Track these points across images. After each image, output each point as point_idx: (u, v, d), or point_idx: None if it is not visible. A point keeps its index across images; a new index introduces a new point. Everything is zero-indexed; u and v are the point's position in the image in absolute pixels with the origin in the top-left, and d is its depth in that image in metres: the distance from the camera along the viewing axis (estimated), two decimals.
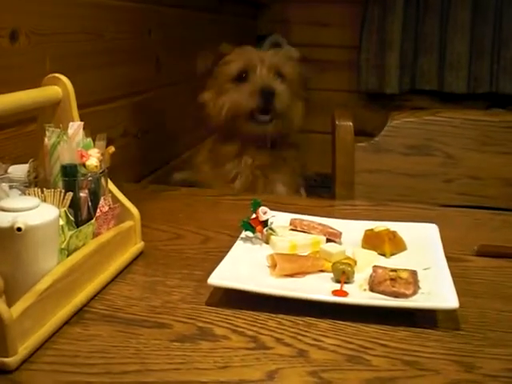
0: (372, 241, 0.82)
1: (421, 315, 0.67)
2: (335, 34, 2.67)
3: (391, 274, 0.71)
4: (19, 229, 0.58)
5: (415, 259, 0.78)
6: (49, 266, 0.63)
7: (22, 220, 0.59)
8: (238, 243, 0.81)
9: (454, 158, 1.28)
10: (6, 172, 0.73)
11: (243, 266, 0.75)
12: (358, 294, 0.70)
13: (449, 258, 0.76)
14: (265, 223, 0.84)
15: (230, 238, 0.85)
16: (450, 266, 0.73)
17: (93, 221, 0.73)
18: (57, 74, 0.78)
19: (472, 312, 0.68)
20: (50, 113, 0.79)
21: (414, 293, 0.69)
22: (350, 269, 0.72)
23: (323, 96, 2.71)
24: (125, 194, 0.83)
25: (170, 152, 1.78)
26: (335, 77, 2.71)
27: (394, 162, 1.28)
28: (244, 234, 0.84)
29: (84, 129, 0.77)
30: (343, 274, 0.72)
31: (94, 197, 0.75)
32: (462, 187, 1.28)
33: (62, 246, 0.67)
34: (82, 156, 0.74)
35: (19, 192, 0.71)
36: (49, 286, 0.61)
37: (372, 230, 0.84)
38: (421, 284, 0.71)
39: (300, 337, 0.62)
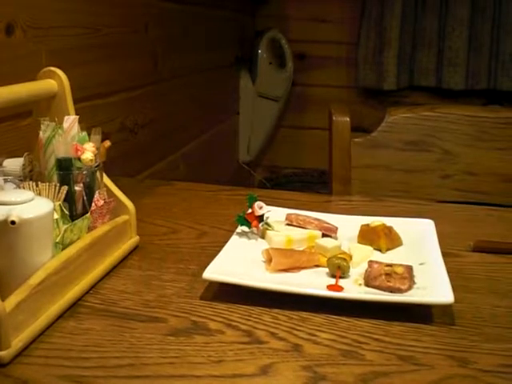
0: (368, 236, 0.82)
1: (416, 310, 0.67)
2: (333, 29, 2.67)
3: (386, 269, 0.71)
4: (13, 222, 0.58)
5: (411, 254, 0.78)
6: (43, 259, 0.63)
7: (16, 213, 0.58)
8: (234, 238, 0.81)
9: (450, 153, 1.28)
10: (0, 165, 0.73)
11: (238, 261, 0.74)
12: (354, 288, 0.70)
13: (445, 254, 0.76)
14: (260, 218, 0.83)
15: (225, 233, 0.85)
16: (445, 262, 0.73)
17: (88, 215, 0.73)
18: (52, 68, 0.78)
19: (467, 307, 0.68)
20: (45, 106, 0.78)
21: (410, 288, 0.69)
22: (345, 264, 0.72)
23: (321, 92, 2.72)
24: (121, 189, 0.82)
25: (167, 147, 1.78)
26: (333, 73, 2.71)
27: (390, 157, 1.28)
28: (240, 228, 0.83)
29: (79, 122, 0.76)
30: (338, 269, 0.72)
31: (89, 191, 0.75)
32: (459, 183, 1.27)
33: (57, 240, 0.67)
34: (77, 150, 0.73)
35: (14, 185, 0.71)
36: (43, 279, 0.61)
37: (368, 225, 0.84)
38: (416, 279, 0.71)
39: (295, 331, 0.62)
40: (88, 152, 0.74)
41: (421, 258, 0.76)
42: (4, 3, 0.97)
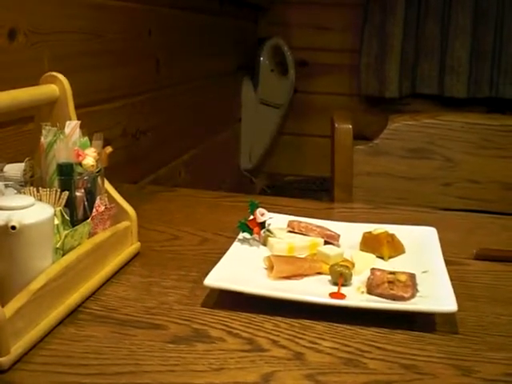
0: (370, 243, 0.82)
1: (419, 318, 0.66)
2: (336, 37, 2.67)
3: (389, 276, 0.71)
4: (13, 227, 0.57)
5: (414, 262, 0.78)
6: (43, 265, 0.63)
7: (17, 218, 0.58)
8: (235, 245, 0.81)
9: (453, 161, 1.28)
10: (1, 171, 0.73)
11: (240, 268, 0.74)
12: (356, 296, 0.69)
13: (447, 262, 0.76)
14: (262, 225, 0.83)
15: (227, 240, 0.84)
16: (448, 270, 0.73)
17: (88, 220, 0.72)
18: (54, 73, 0.78)
19: (470, 316, 0.67)
20: (46, 111, 0.78)
21: (412, 296, 0.68)
22: (347, 271, 0.72)
23: (323, 99, 2.72)
24: (122, 195, 0.82)
25: (169, 153, 1.78)
26: (335, 80, 2.71)
27: (393, 165, 1.28)
28: (241, 235, 0.83)
29: (81, 128, 0.76)
30: (341, 277, 0.71)
31: (90, 196, 0.74)
32: (461, 191, 1.27)
33: (57, 246, 0.66)
34: (78, 155, 0.73)
35: (15, 191, 0.70)
36: (43, 285, 0.60)
37: (370, 232, 0.83)
38: (419, 287, 0.70)
39: (296, 339, 0.62)
40: (89, 157, 0.73)
41: (424, 266, 0.76)
42: (7, 8, 0.97)
